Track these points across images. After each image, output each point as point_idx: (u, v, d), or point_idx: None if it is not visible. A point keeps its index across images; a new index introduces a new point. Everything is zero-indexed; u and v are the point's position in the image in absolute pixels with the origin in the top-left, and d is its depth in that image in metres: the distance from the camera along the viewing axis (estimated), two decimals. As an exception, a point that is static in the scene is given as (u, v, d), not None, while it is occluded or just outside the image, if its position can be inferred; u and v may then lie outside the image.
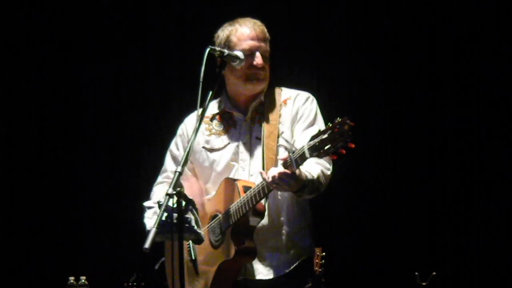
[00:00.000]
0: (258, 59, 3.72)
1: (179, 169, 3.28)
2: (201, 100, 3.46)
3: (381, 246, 5.25)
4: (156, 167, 4.18)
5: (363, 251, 5.28)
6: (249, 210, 3.54)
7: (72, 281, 4.22)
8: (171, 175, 3.75)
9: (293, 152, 3.34)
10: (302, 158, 3.31)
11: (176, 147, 3.95)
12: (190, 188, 3.69)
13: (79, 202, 5.69)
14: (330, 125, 3.22)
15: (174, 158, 3.94)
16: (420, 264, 4.72)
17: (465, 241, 5.11)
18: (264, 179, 3.45)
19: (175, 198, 3.21)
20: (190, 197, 3.39)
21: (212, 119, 3.88)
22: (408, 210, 5.22)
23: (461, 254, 5.11)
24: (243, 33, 3.74)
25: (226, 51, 3.62)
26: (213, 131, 3.85)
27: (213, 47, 3.58)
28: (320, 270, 4.65)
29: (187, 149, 3.36)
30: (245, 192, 3.58)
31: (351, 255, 5.28)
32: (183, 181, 3.76)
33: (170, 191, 3.19)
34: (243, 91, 3.81)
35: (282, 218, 3.72)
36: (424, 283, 4.44)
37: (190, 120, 3.92)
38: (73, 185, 5.71)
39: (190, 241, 3.72)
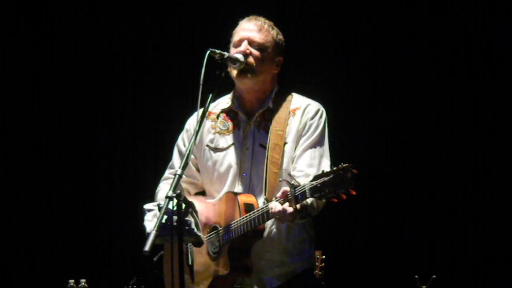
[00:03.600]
0: (241, 47, 3.68)
1: (179, 172, 3.28)
2: (201, 102, 3.46)
3: (381, 249, 5.24)
4: (156, 171, 4.18)
5: (363, 255, 5.28)
6: (249, 231, 3.54)
7: (72, 284, 4.22)
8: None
9: (295, 188, 3.33)
10: (303, 197, 3.32)
11: (183, 142, 3.92)
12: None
13: (79, 204, 5.69)
14: (334, 168, 3.22)
15: (181, 153, 3.91)
16: (420, 267, 4.72)
17: (465, 244, 5.11)
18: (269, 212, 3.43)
19: (175, 201, 3.20)
20: (190, 200, 3.39)
21: (218, 116, 3.86)
22: (408, 213, 5.22)
23: (461, 257, 5.10)
24: (239, 27, 3.75)
25: (226, 54, 3.60)
26: (218, 129, 3.81)
27: (213, 50, 3.55)
28: (320, 273, 4.66)
29: (186, 153, 3.36)
30: (246, 210, 3.56)
31: (351, 258, 5.28)
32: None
33: (170, 193, 3.18)
34: (239, 85, 3.78)
35: (281, 233, 3.68)
36: (424, 286, 4.43)
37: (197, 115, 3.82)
38: (74, 188, 5.71)
39: (189, 246, 3.72)
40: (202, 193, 3.93)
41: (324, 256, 4.71)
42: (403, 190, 5.25)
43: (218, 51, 3.57)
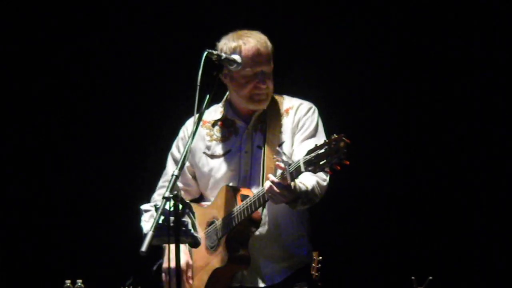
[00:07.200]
0: (260, 83, 3.72)
1: (176, 172, 3.31)
2: (198, 104, 3.50)
3: (378, 250, 5.25)
4: (153, 171, 4.19)
5: (359, 256, 5.29)
6: (245, 219, 3.56)
7: (68, 284, 4.21)
8: None
9: (289, 165, 3.36)
10: (297, 172, 3.36)
11: (178, 150, 3.96)
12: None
13: (76, 205, 5.69)
14: (327, 140, 3.25)
15: (176, 161, 3.95)
16: (417, 268, 4.72)
17: (462, 245, 5.12)
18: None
19: (172, 202, 3.22)
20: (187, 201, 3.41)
21: (214, 124, 3.89)
22: (405, 215, 5.23)
23: (458, 259, 5.11)
24: (248, 54, 3.70)
25: (223, 55, 3.64)
26: (214, 137, 3.87)
27: (210, 51, 3.60)
28: (317, 274, 4.67)
29: (184, 153, 3.39)
30: (242, 200, 3.61)
31: (348, 259, 5.29)
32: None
33: (167, 194, 3.21)
34: (246, 107, 3.82)
35: (279, 227, 3.74)
36: (420, 288, 4.44)
37: (191, 124, 3.91)
38: (70, 188, 5.71)
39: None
40: (196, 200, 3.96)
41: (321, 257, 4.72)
42: (400, 191, 5.25)
43: (215, 52, 3.62)
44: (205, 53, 3.56)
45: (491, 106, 5.15)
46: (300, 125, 3.77)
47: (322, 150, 3.25)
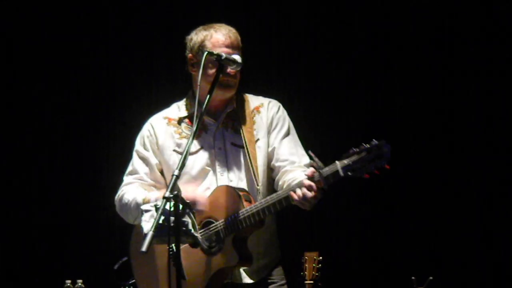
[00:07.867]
0: (231, 68, 3.76)
1: (176, 172, 3.32)
2: (198, 102, 3.55)
3: (378, 250, 5.25)
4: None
5: (359, 255, 5.29)
6: (258, 220, 3.59)
7: (69, 284, 4.22)
8: (144, 177, 3.90)
9: (322, 169, 3.39)
10: (334, 176, 3.40)
11: (144, 148, 3.96)
12: None
13: (76, 204, 5.69)
14: (368, 146, 3.31)
15: (143, 159, 3.95)
16: (417, 268, 4.72)
17: (462, 245, 5.12)
18: (291, 195, 3.50)
19: (172, 202, 3.22)
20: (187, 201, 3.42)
21: (180, 122, 3.91)
22: (405, 214, 5.23)
23: (458, 259, 5.11)
24: (218, 40, 3.79)
25: (223, 55, 3.67)
26: (184, 134, 3.89)
27: (210, 51, 3.65)
28: (317, 274, 4.66)
29: (184, 153, 3.40)
30: (246, 200, 3.67)
31: (348, 259, 5.29)
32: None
33: (168, 194, 3.22)
34: (213, 96, 3.83)
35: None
36: (421, 288, 4.44)
37: (156, 121, 3.96)
38: (71, 188, 5.71)
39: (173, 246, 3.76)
40: None
41: (321, 257, 4.72)
42: (400, 190, 5.25)
43: (215, 53, 3.64)
44: (205, 53, 3.61)
45: (491, 106, 5.15)
46: (275, 123, 3.87)
47: (363, 155, 3.31)
